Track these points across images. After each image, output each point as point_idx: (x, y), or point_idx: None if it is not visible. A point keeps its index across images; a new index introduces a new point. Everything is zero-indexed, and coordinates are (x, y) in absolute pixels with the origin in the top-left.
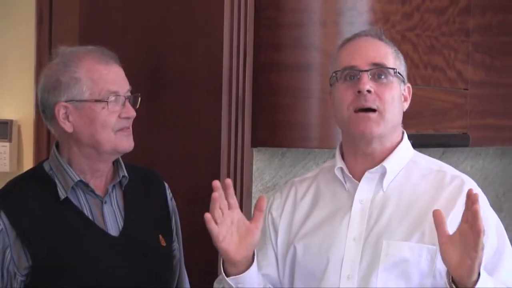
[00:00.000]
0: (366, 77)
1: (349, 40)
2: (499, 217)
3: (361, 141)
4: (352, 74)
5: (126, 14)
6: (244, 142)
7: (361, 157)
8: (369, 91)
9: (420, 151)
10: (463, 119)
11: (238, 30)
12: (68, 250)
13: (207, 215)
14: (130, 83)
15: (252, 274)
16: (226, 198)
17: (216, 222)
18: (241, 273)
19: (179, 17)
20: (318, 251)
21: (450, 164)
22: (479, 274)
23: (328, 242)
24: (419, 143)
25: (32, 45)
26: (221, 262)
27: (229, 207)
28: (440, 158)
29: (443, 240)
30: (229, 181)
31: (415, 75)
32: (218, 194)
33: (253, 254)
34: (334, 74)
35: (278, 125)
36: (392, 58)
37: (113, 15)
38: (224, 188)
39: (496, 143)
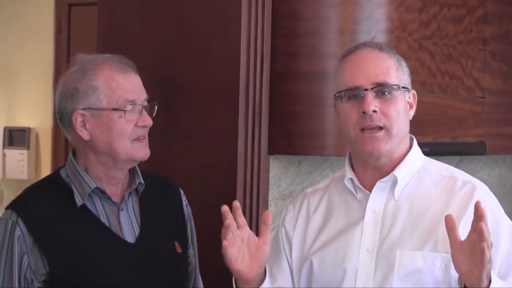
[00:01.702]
0: (370, 96)
1: (349, 53)
2: None
3: (370, 159)
4: (356, 93)
5: (143, 24)
6: (261, 149)
7: (371, 170)
8: (374, 111)
9: (437, 159)
10: (480, 127)
11: (255, 39)
12: (85, 257)
13: (225, 243)
14: (147, 91)
15: None
16: (235, 218)
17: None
18: None
19: (197, 26)
20: (333, 263)
21: (467, 172)
22: (490, 280)
23: (342, 253)
24: (436, 151)
25: (50, 54)
26: (234, 280)
27: (238, 226)
28: (457, 166)
29: (454, 246)
30: (237, 204)
31: (432, 84)
32: (230, 221)
33: (265, 270)
34: (337, 94)
35: (294, 133)
36: (394, 71)
37: (131, 25)
38: (233, 210)
39: None
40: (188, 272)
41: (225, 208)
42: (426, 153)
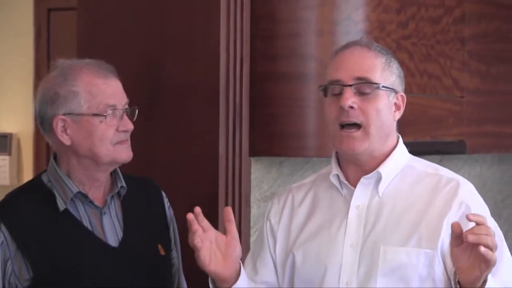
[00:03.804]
0: (349, 92)
1: (339, 50)
2: (498, 224)
3: (348, 156)
4: (337, 89)
5: (124, 26)
6: (242, 151)
7: (354, 166)
8: (351, 107)
9: None
10: (459, 126)
11: (235, 41)
12: (68, 262)
13: (199, 244)
14: (129, 93)
15: (242, 284)
16: (199, 223)
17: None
18: (231, 286)
19: (177, 29)
20: (316, 258)
21: None
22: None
23: (326, 249)
24: (416, 150)
25: (30, 59)
26: (210, 280)
27: (204, 230)
28: None
29: (456, 243)
30: (198, 209)
31: (411, 83)
32: (197, 226)
33: (239, 265)
34: (321, 87)
35: (275, 134)
36: (379, 70)
37: (111, 27)
38: (195, 216)
39: (493, 150)
40: (172, 274)
41: (190, 216)
42: None
